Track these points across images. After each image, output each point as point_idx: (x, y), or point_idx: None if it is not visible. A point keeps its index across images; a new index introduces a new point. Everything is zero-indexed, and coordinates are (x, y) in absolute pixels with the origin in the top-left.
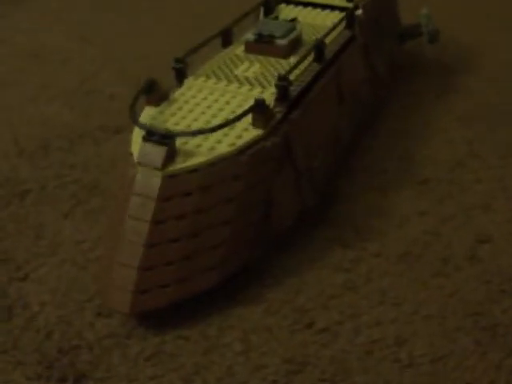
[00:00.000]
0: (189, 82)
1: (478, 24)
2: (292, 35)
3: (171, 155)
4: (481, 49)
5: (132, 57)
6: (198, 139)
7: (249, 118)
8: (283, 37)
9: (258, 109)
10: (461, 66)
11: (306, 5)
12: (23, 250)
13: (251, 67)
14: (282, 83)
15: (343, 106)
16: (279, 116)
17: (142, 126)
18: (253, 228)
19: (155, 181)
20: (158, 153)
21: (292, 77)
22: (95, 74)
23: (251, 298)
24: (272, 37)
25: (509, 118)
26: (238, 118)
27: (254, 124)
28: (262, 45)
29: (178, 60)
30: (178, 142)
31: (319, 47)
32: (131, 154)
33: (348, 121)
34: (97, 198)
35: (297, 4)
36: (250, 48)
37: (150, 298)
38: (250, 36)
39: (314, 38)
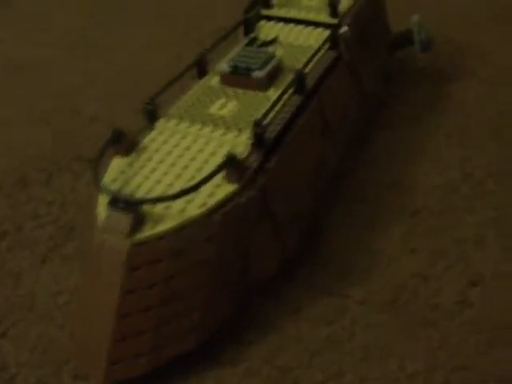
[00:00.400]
0: (160, 124)
1: (472, 29)
2: (270, 65)
3: (138, 222)
4: (475, 55)
5: (120, 71)
6: None
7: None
8: (260, 68)
9: (230, 165)
10: (454, 74)
11: (288, 21)
12: (3, 299)
13: (227, 103)
14: (258, 130)
15: (328, 135)
16: (255, 164)
17: (106, 192)
18: (230, 287)
19: (122, 250)
20: (124, 221)
21: (270, 115)
22: (79, 91)
23: (230, 358)
24: (248, 69)
25: (504, 132)
26: (208, 178)
27: (227, 179)
28: (239, 77)
29: (147, 102)
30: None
31: (299, 79)
32: (98, 217)
33: (333, 148)
34: (73, 241)
35: (278, 20)
36: (226, 80)
37: (123, 368)
38: (225, 67)
39: (295, 62)
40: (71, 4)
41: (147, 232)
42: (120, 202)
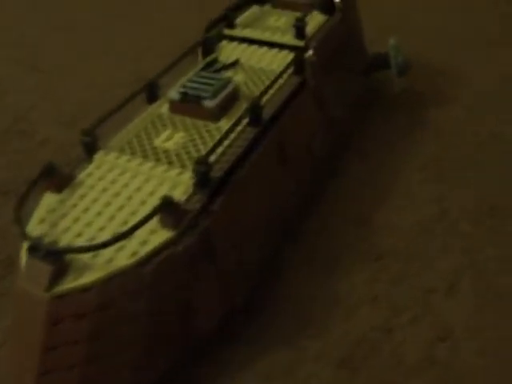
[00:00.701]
0: (99, 157)
1: (452, 52)
2: (223, 93)
3: (59, 273)
4: (454, 79)
5: (78, 87)
6: None
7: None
8: (212, 97)
9: (165, 209)
10: (432, 99)
11: (251, 42)
12: None
13: (174, 135)
14: (201, 168)
15: (287, 170)
16: (198, 206)
17: (25, 238)
18: (166, 342)
19: (42, 303)
20: (43, 271)
21: (218, 151)
22: (32, 109)
23: None
24: (199, 97)
25: (483, 164)
26: (139, 225)
27: (163, 225)
28: (188, 105)
29: (85, 132)
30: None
31: (254, 110)
32: (20, 262)
33: (294, 183)
34: (12, 276)
35: (241, 41)
36: (175, 108)
37: None
38: (174, 93)
39: (255, 88)
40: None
41: (70, 284)
42: (40, 250)
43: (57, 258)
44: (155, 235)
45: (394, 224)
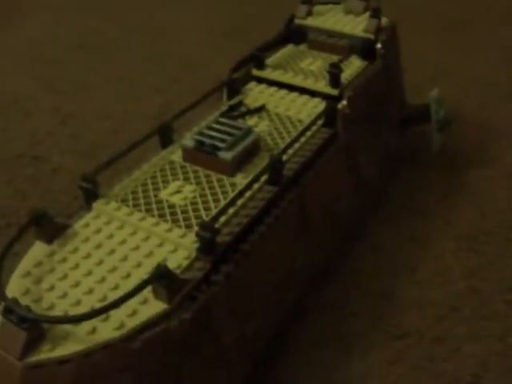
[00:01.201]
0: (98, 206)
1: (498, 107)
2: (241, 146)
3: (35, 340)
4: (500, 137)
5: (98, 114)
6: None
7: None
8: (228, 148)
9: (159, 280)
10: (472, 159)
11: (281, 85)
12: None
13: (184, 187)
14: (205, 234)
15: (307, 236)
16: (199, 275)
17: (1, 298)
18: None
19: (15, 371)
20: (17, 337)
21: (230, 211)
22: (48, 135)
23: None
24: (215, 147)
25: None
26: (129, 296)
27: (156, 296)
28: (203, 155)
29: (85, 178)
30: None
31: (274, 167)
32: None
33: (313, 252)
34: None
35: (270, 84)
36: (189, 156)
37: None
38: (189, 141)
39: (279, 140)
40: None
41: (45, 354)
42: (14, 314)
43: (32, 325)
44: (147, 306)
45: (419, 300)
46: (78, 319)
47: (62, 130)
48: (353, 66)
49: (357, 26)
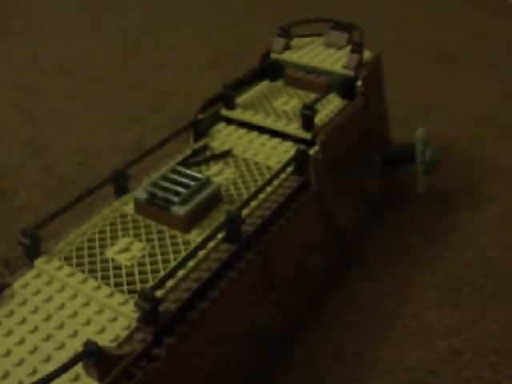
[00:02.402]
0: (39, 265)
1: (490, 142)
2: (197, 199)
3: None
4: (491, 175)
5: (71, 148)
6: None
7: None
8: (182, 203)
9: (90, 356)
10: (463, 204)
11: (251, 127)
12: None
13: (133, 244)
14: (145, 304)
15: (272, 296)
16: (139, 348)
17: None
18: None
19: None
20: None
21: (179, 274)
22: (18, 167)
23: None
24: (168, 201)
25: (503, 294)
26: (55, 375)
27: (87, 373)
28: (155, 209)
29: (25, 234)
30: None
31: (232, 224)
32: None
33: (279, 313)
34: None
35: (240, 125)
36: (141, 210)
37: None
38: (141, 193)
39: (243, 190)
40: None
41: None
42: None
43: None
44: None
45: (394, 364)
46: None
47: (33, 163)
48: (330, 106)
49: (337, 61)
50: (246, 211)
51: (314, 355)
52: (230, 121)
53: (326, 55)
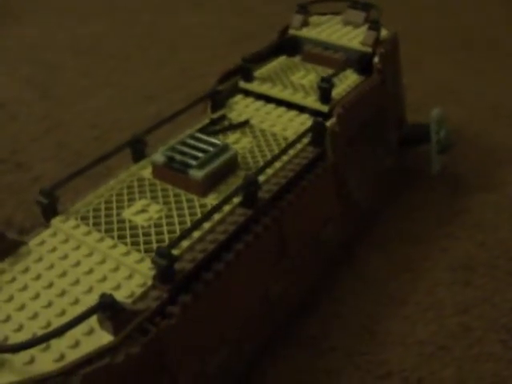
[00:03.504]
0: (56, 224)
1: (507, 129)
2: (214, 164)
3: None
4: (505, 160)
5: (86, 123)
6: None
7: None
8: (199, 167)
9: (105, 310)
10: (474, 184)
11: (268, 100)
12: None
13: (150, 206)
14: (161, 262)
15: (286, 263)
16: (154, 305)
17: None
18: None
19: None
20: None
21: (195, 235)
22: (33, 142)
23: None
24: (185, 165)
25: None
26: (71, 325)
27: (101, 327)
28: (173, 173)
29: (43, 193)
30: None
31: (248, 189)
32: None
33: (292, 281)
34: None
35: (258, 97)
36: (159, 173)
37: None
38: (159, 156)
39: (260, 158)
40: None
41: None
42: None
43: None
44: (91, 338)
45: (406, 338)
46: (14, 349)
47: (48, 137)
48: (347, 81)
49: (354, 38)
50: (262, 178)
51: (325, 327)
52: (247, 93)
53: (343, 32)
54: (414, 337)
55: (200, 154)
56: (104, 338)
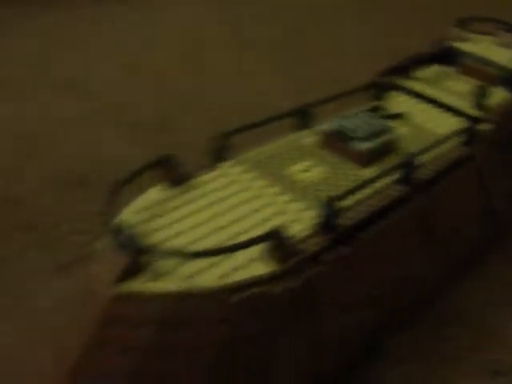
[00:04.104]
0: (223, 167)
1: None
2: (379, 140)
3: (132, 270)
4: None
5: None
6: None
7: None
8: (366, 139)
9: (274, 240)
10: None
11: (423, 99)
12: None
13: (312, 168)
14: (328, 210)
15: (428, 248)
16: (312, 250)
17: (110, 221)
18: None
19: (102, 298)
20: (116, 262)
21: (355, 197)
22: None
23: None
24: (352, 136)
25: None
26: (244, 245)
27: (266, 257)
28: (338, 142)
29: (222, 136)
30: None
31: (407, 167)
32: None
33: (432, 265)
34: None
35: (413, 95)
36: (324, 141)
37: None
38: (327, 125)
39: (414, 148)
40: None
41: (137, 286)
42: (121, 240)
43: (134, 255)
44: (254, 264)
45: None
46: (184, 255)
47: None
48: (498, 95)
49: (508, 58)
50: (416, 162)
51: (441, 320)
52: (403, 90)
53: (498, 51)
54: None
55: (366, 129)
56: (266, 267)
